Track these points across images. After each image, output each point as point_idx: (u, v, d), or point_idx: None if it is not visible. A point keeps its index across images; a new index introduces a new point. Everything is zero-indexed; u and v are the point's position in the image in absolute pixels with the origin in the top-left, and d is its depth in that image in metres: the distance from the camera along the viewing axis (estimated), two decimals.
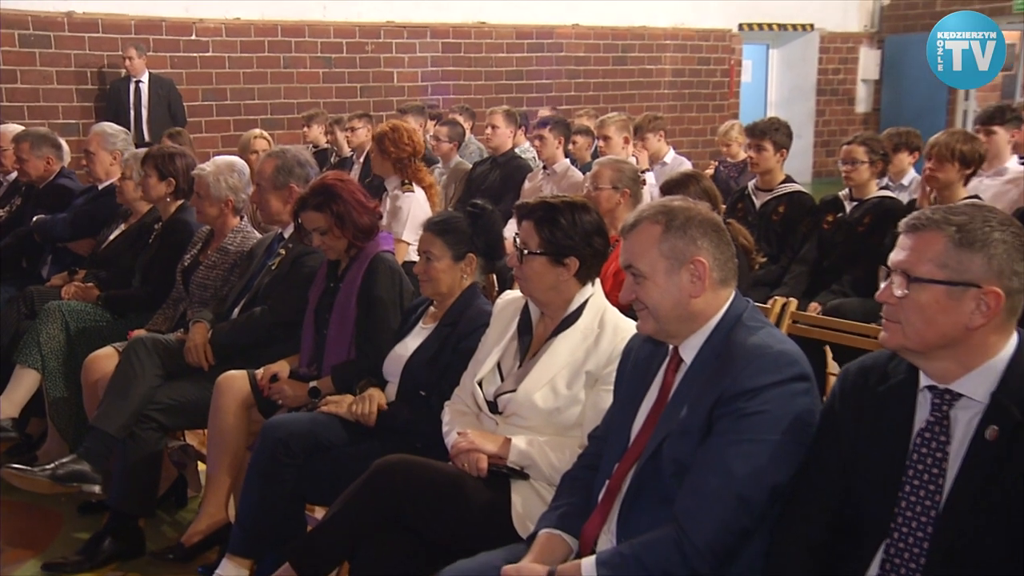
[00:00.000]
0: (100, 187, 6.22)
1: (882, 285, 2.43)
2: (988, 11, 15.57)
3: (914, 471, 2.36)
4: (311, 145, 9.81)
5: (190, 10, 11.39)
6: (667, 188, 5.00)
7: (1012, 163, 6.93)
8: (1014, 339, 2.35)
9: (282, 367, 4.36)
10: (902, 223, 2.43)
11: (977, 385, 2.33)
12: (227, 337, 4.64)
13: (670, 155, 8.49)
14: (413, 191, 6.35)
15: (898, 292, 2.35)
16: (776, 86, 17.01)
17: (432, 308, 4.03)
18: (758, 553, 2.60)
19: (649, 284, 2.73)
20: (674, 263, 2.71)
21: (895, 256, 2.39)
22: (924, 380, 2.40)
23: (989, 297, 2.27)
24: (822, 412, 2.59)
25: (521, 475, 3.30)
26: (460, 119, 9.37)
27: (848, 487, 2.47)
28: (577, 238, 3.41)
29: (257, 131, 8.52)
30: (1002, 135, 6.87)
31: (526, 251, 3.41)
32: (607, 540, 2.82)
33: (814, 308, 5.81)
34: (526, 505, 3.25)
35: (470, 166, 8.52)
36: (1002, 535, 2.21)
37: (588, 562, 2.62)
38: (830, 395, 2.60)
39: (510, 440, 3.29)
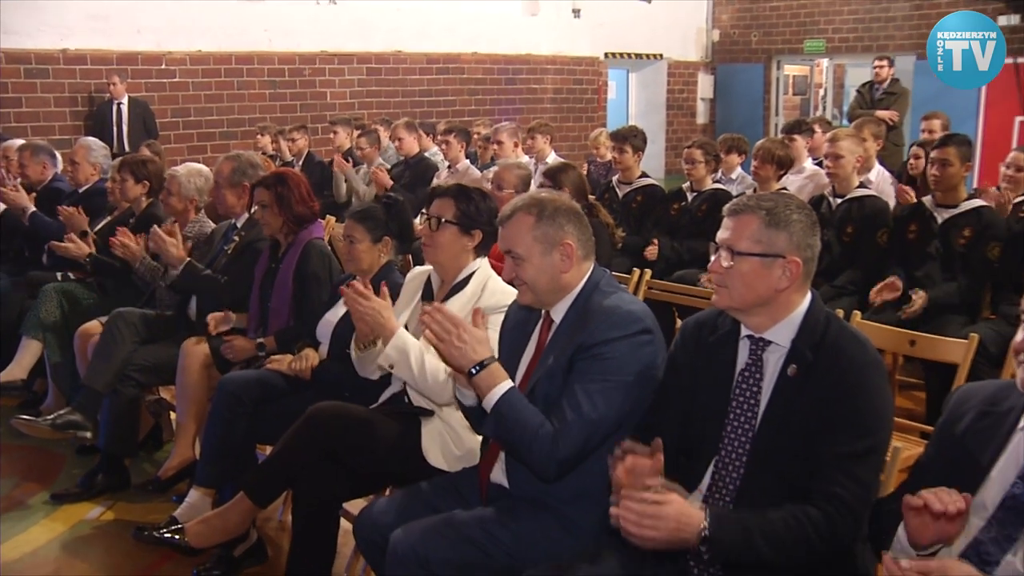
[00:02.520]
0: (80, 191, 6.04)
1: (712, 258, 2.46)
2: (785, 51, 15.94)
3: (736, 402, 2.40)
4: (261, 151, 9.64)
5: (161, 45, 11.15)
6: (550, 173, 5.06)
7: (808, 163, 7.16)
8: (808, 296, 2.41)
9: (227, 313, 4.29)
10: (725, 208, 2.46)
11: (782, 334, 2.38)
12: (198, 275, 4.56)
13: (551, 156, 8.45)
14: None
15: (725, 263, 2.38)
16: (635, 102, 17.12)
17: (355, 282, 3.94)
18: (600, 468, 2.59)
19: (527, 265, 2.70)
20: (547, 247, 2.69)
21: (721, 235, 2.42)
22: (744, 331, 2.44)
23: (791, 265, 2.33)
24: (668, 356, 2.61)
25: (426, 412, 3.27)
26: (381, 129, 9.26)
27: (688, 416, 2.48)
28: (484, 216, 3.38)
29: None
30: (800, 142, 7.07)
31: (443, 219, 3.33)
32: (500, 470, 2.81)
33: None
34: (432, 440, 3.23)
35: (388, 167, 8.45)
36: (800, 447, 2.26)
37: (502, 387, 2.54)
38: (673, 343, 2.62)
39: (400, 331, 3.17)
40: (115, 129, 10.38)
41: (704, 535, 2.10)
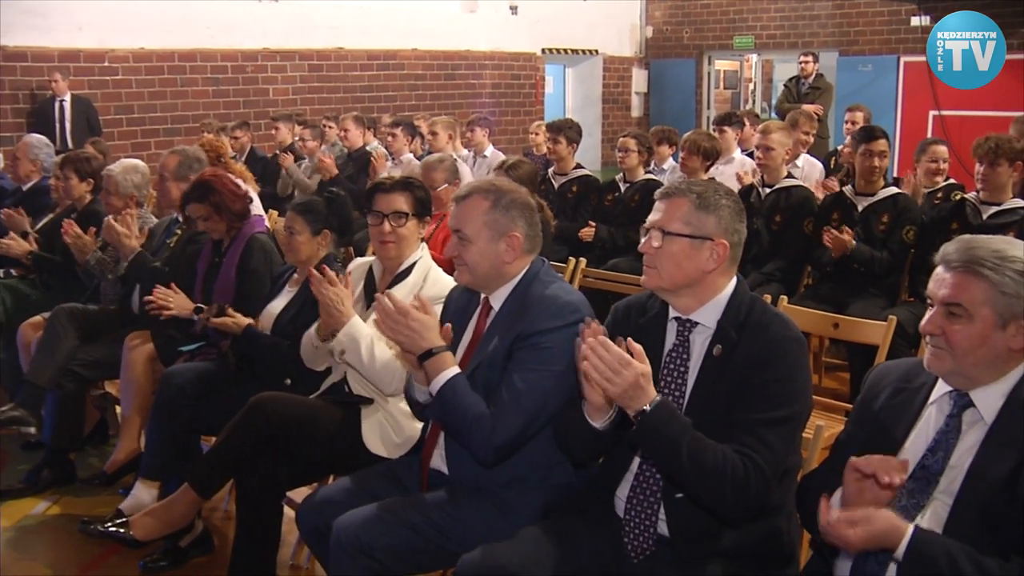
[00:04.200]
0: (24, 188, 5.91)
1: (642, 241, 2.46)
2: (716, 47, 16.09)
3: (664, 383, 2.41)
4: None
5: (103, 42, 10.88)
6: (507, 167, 5.16)
7: (737, 154, 7.22)
8: (734, 280, 2.44)
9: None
10: (657, 192, 2.49)
11: (708, 315, 2.40)
12: (146, 266, 4.44)
13: (489, 149, 8.45)
14: None
15: (656, 243, 2.39)
16: (572, 96, 17.11)
17: (295, 274, 3.91)
18: (538, 454, 2.61)
19: (472, 247, 2.69)
20: (495, 234, 2.68)
21: (652, 217, 2.44)
22: (672, 312, 2.46)
23: (719, 248, 2.37)
24: None
25: (366, 401, 3.24)
26: (331, 125, 9.13)
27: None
28: (429, 202, 3.41)
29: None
30: (729, 133, 7.16)
31: (407, 213, 3.32)
32: (439, 456, 2.80)
33: None
34: (372, 428, 3.21)
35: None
36: (723, 420, 2.28)
37: (448, 372, 2.55)
38: (605, 324, 2.58)
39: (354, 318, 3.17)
40: (58, 127, 10.14)
41: (643, 410, 2.14)
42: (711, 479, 2.18)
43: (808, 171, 7.13)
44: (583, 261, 5.27)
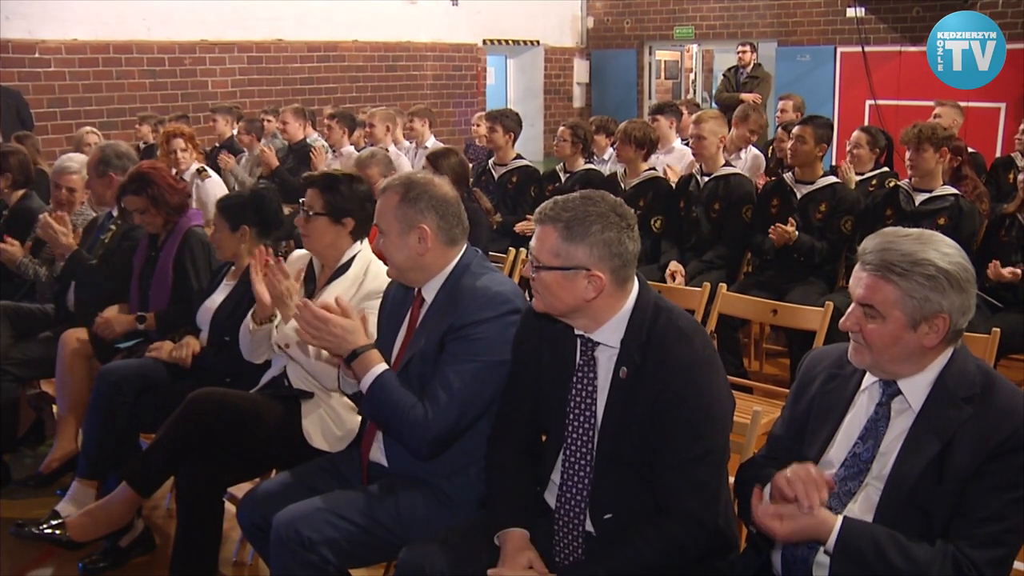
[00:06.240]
0: None
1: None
2: (657, 37, 16.19)
3: (574, 402, 2.37)
4: (142, 142, 9.31)
5: (33, 33, 10.58)
6: (432, 157, 5.09)
7: (677, 143, 7.26)
8: (633, 294, 2.35)
9: (111, 311, 4.15)
10: (534, 215, 2.39)
11: (610, 334, 2.33)
12: (83, 265, 4.38)
13: (431, 140, 8.39)
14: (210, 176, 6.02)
15: (532, 274, 2.33)
16: (513, 87, 17.11)
17: (234, 267, 3.88)
18: (475, 446, 2.61)
19: (387, 241, 2.70)
20: (405, 227, 2.67)
21: (531, 243, 2.36)
22: (576, 330, 2.39)
23: (595, 279, 2.26)
24: (514, 342, 2.55)
25: (306, 395, 3.22)
26: (271, 118, 9.02)
27: (536, 403, 2.47)
28: (354, 202, 3.32)
29: (87, 128, 8.14)
30: (663, 122, 7.16)
31: (311, 212, 3.28)
32: (378, 449, 2.80)
33: None
34: (313, 422, 3.18)
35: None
36: (637, 441, 2.27)
37: (376, 370, 2.54)
38: (517, 330, 2.56)
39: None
40: None
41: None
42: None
43: (751, 161, 7.19)
44: (523, 252, 5.28)
